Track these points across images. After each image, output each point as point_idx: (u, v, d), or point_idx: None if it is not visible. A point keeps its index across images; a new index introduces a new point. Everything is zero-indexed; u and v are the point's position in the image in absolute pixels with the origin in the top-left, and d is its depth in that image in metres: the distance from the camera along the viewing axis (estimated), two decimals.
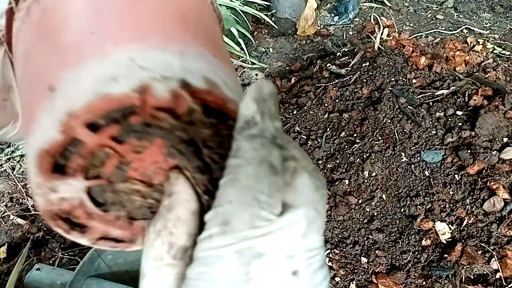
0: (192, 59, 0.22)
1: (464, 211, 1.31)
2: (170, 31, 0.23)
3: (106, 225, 0.27)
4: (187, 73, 0.21)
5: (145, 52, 0.21)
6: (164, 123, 0.21)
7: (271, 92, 0.23)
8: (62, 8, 0.24)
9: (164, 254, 0.24)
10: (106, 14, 0.23)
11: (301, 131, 1.71)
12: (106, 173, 0.24)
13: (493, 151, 1.40)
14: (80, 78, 0.20)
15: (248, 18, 2.29)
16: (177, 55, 0.22)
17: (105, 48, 0.21)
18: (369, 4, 2.67)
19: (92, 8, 0.24)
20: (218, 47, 0.25)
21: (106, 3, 0.24)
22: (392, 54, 1.91)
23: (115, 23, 0.23)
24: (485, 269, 1.17)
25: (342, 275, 1.25)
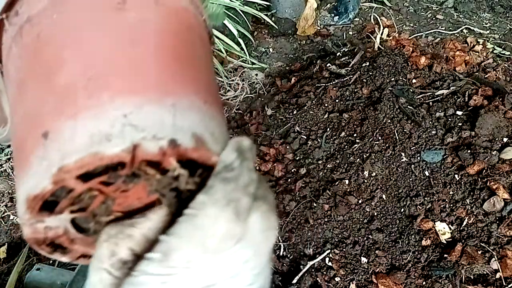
0: (184, 113, 0.23)
1: (464, 211, 1.31)
2: (166, 80, 0.24)
3: (87, 247, 0.28)
4: (177, 132, 0.22)
5: (140, 109, 0.22)
6: (150, 176, 0.23)
7: (250, 146, 0.25)
8: (58, 41, 0.24)
9: (105, 259, 0.24)
10: (103, 55, 0.23)
11: (301, 131, 1.71)
12: (91, 208, 0.24)
13: (493, 151, 1.40)
14: (75, 133, 0.21)
15: (248, 18, 2.29)
16: (171, 110, 0.22)
17: (101, 100, 0.22)
18: (369, 4, 2.67)
19: (90, 46, 0.24)
20: (209, 89, 0.26)
21: (105, 43, 0.24)
22: (392, 54, 1.91)
23: (113, 68, 0.23)
24: (485, 269, 1.17)
25: (342, 275, 1.25)
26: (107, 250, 0.25)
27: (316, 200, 1.41)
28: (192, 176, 0.24)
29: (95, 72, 0.23)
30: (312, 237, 1.35)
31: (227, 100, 2.05)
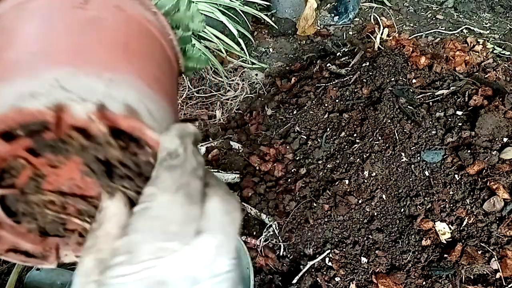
0: (120, 86, 0.23)
1: (464, 211, 1.31)
2: (108, 60, 0.25)
3: (17, 237, 0.27)
4: (108, 98, 0.22)
5: (73, 76, 0.22)
6: (75, 141, 0.22)
7: (193, 131, 0.25)
8: (14, 29, 0.26)
9: (91, 271, 0.24)
10: (53, 39, 0.25)
11: (301, 131, 1.70)
12: (19, 183, 0.24)
13: (493, 151, 1.40)
14: (3, 92, 0.22)
15: (248, 18, 2.28)
16: (106, 81, 0.23)
17: (37, 68, 0.22)
18: (369, 4, 2.67)
19: (42, 32, 0.25)
20: (158, 80, 0.27)
21: (56, 30, 0.25)
22: (392, 54, 1.91)
23: (57, 47, 0.24)
24: (485, 269, 1.17)
25: (342, 275, 1.25)
26: (92, 261, 0.24)
27: (316, 200, 1.41)
28: (116, 139, 0.23)
29: (41, 50, 0.24)
30: (312, 237, 1.35)
31: (227, 100, 2.05)
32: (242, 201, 1.48)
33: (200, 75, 2.09)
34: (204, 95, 2.07)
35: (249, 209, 1.45)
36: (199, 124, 1.92)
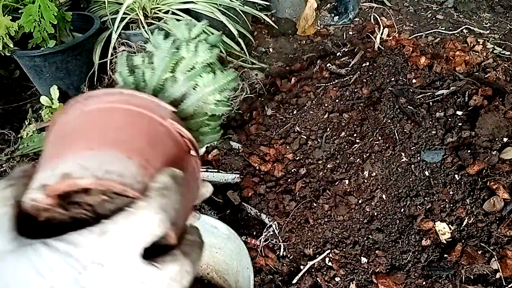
0: (104, 160, 0.33)
1: (464, 211, 1.31)
2: (106, 144, 0.35)
3: None
4: (100, 171, 0.32)
5: (86, 157, 0.33)
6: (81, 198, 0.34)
7: (181, 175, 0.34)
8: (71, 124, 0.39)
9: None
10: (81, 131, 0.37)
11: (301, 131, 1.70)
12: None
13: (493, 151, 1.40)
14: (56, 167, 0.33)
15: (248, 18, 2.29)
16: (98, 159, 0.33)
17: (68, 152, 0.34)
18: (369, 4, 2.67)
19: (90, 127, 0.38)
20: (141, 153, 0.35)
21: (85, 124, 0.38)
22: (392, 54, 1.91)
23: (78, 137, 0.37)
24: (485, 269, 1.17)
25: (342, 275, 1.25)
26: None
27: (316, 200, 1.41)
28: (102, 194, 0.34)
29: (75, 138, 0.37)
30: (312, 237, 1.34)
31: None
32: (242, 201, 1.48)
33: None
34: None
35: (249, 209, 1.45)
36: None
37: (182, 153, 0.40)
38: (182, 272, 0.31)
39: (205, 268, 1.29)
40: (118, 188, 0.31)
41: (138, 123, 0.38)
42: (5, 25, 1.63)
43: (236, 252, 1.14)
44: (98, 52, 1.97)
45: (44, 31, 1.72)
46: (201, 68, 0.47)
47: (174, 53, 0.47)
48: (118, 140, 0.35)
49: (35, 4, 1.65)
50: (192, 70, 0.47)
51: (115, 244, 0.29)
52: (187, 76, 0.47)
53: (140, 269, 0.29)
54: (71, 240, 0.28)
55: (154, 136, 0.37)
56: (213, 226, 1.17)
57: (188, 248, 0.34)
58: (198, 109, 0.47)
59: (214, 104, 0.48)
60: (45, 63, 1.85)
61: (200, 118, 0.48)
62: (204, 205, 1.45)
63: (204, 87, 0.47)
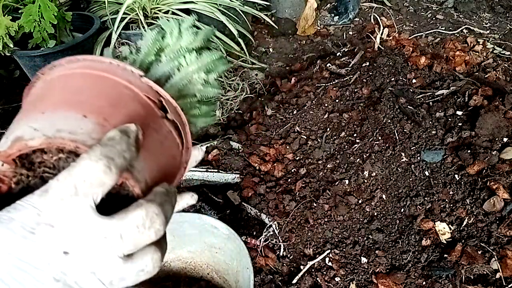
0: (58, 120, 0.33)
1: (464, 211, 1.31)
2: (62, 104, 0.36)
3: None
4: (50, 131, 0.32)
5: (38, 119, 0.33)
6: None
7: (135, 129, 0.32)
8: (34, 94, 0.40)
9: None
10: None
11: (301, 131, 1.70)
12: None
13: (493, 151, 1.40)
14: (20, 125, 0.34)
15: (248, 18, 2.29)
16: (50, 120, 0.33)
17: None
18: (369, 4, 2.67)
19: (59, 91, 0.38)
20: (101, 110, 0.35)
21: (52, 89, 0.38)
22: (392, 54, 1.91)
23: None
24: (485, 269, 1.17)
25: (342, 275, 1.25)
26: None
27: (316, 200, 1.41)
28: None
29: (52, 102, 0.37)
30: (312, 237, 1.34)
31: (227, 100, 2.05)
32: (242, 201, 1.48)
33: None
34: None
35: (249, 209, 1.45)
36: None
37: (152, 117, 0.39)
38: (150, 216, 0.30)
39: (205, 268, 1.29)
40: (69, 145, 0.31)
41: (100, 86, 0.37)
42: (5, 25, 1.63)
43: (236, 252, 1.14)
44: (98, 52, 1.97)
45: (44, 31, 1.71)
46: (185, 51, 0.47)
47: (158, 40, 0.47)
48: (75, 101, 0.35)
49: (35, 4, 1.65)
50: (177, 52, 0.47)
51: (59, 202, 0.27)
52: (170, 57, 0.47)
53: (97, 223, 0.28)
54: (14, 206, 0.27)
55: (117, 98, 0.37)
56: (213, 226, 1.17)
57: (153, 196, 0.32)
58: (184, 90, 0.47)
59: (201, 85, 0.48)
60: (45, 63, 1.84)
61: (188, 99, 0.47)
62: (204, 205, 1.45)
63: (188, 66, 0.47)
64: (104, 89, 0.37)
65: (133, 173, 0.32)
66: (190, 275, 1.30)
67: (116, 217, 0.29)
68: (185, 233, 1.22)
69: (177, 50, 0.47)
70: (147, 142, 0.36)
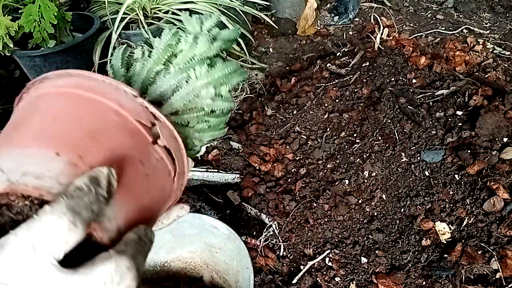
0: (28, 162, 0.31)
1: (464, 211, 1.31)
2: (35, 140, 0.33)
3: None
4: (16, 174, 0.30)
5: (8, 157, 0.31)
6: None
7: (107, 174, 0.30)
8: (17, 114, 0.38)
9: None
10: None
11: (301, 131, 1.70)
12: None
13: (493, 151, 1.40)
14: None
15: (248, 18, 2.29)
16: (19, 158, 0.31)
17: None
18: (369, 4, 2.67)
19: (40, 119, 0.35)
20: (73, 146, 0.32)
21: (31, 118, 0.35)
22: (392, 54, 1.91)
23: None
24: (485, 269, 1.17)
25: (342, 275, 1.25)
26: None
27: (316, 200, 1.41)
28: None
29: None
30: (312, 237, 1.34)
31: None
32: (242, 201, 1.48)
33: None
34: None
35: (249, 209, 1.45)
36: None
37: (140, 145, 0.36)
38: (119, 271, 0.27)
39: (205, 268, 1.29)
40: (33, 192, 0.28)
41: (83, 111, 0.34)
42: (5, 25, 1.63)
43: (236, 252, 1.14)
44: (98, 52, 1.97)
45: (44, 31, 1.71)
46: (198, 61, 0.44)
47: (171, 45, 0.44)
48: (51, 133, 0.32)
49: (35, 4, 1.65)
50: (189, 62, 0.44)
51: (15, 259, 0.25)
52: (180, 68, 0.44)
53: (59, 280, 0.25)
54: None
55: (100, 127, 0.34)
56: (213, 226, 1.17)
57: (124, 246, 0.29)
58: (190, 104, 0.44)
59: (211, 99, 0.44)
60: (45, 63, 1.84)
61: (195, 113, 0.44)
62: (204, 205, 1.45)
63: (197, 80, 0.43)
64: (88, 116, 0.34)
65: (102, 222, 0.29)
66: (190, 275, 1.30)
67: (81, 271, 0.26)
68: (185, 233, 1.22)
69: (189, 59, 0.44)
70: (128, 179, 0.33)
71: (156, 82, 0.44)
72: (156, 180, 0.37)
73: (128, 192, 0.33)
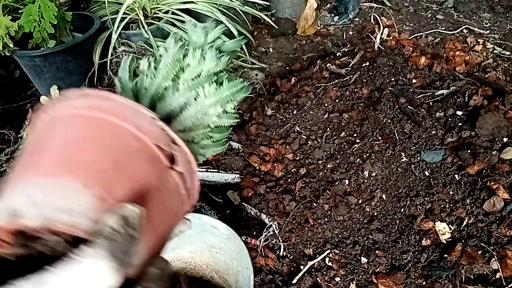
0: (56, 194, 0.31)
1: (464, 211, 1.31)
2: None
3: None
4: (48, 208, 0.30)
5: (37, 187, 0.31)
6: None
7: (137, 214, 0.30)
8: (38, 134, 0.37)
9: None
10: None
11: (301, 131, 1.70)
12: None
13: (493, 151, 1.40)
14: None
15: (248, 18, 2.29)
16: (49, 190, 0.31)
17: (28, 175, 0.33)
18: (369, 4, 2.67)
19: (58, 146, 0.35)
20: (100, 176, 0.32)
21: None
22: (392, 54, 1.91)
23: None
24: (485, 269, 1.17)
25: (342, 275, 1.25)
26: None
27: (316, 200, 1.41)
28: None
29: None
30: (312, 237, 1.34)
31: None
32: (242, 201, 1.48)
33: None
34: None
35: (249, 209, 1.45)
36: None
37: (159, 171, 0.36)
38: None
39: (205, 268, 1.29)
40: (66, 230, 0.29)
41: (105, 137, 0.34)
42: (5, 25, 1.63)
43: (236, 252, 1.14)
44: (98, 52, 1.97)
45: (44, 31, 1.71)
46: (205, 77, 0.43)
47: (179, 60, 0.43)
48: (76, 162, 0.32)
49: (35, 4, 1.65)
50: (197, 78, 0.44)
51: None
52: (188, 86, 0.43)
53: None
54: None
55: (122, 153, 0.34)
56: (213, 226, 1.17)
57: (150, 283, 0.31)
58: (198, 121, 0.44)
59: (217, 117, 0.44)
60: (45, 63, 1.84)
61: (201, 130, 0.44)
62: (204, 205, 1.45)
63: (205, 98, 0.43)
64: (110, 143, 0.34)
65: (131, 263, 0.30)
66: (190, 275, 1.30)
67: None
68: (185, 233, 1.21)
69: (196, 74, 0.44)
70: (149, 211, 0.33)
71: (165, 99, 0.43)
72: (171, 207, 0.37)
73: (150, 225, 0.33)
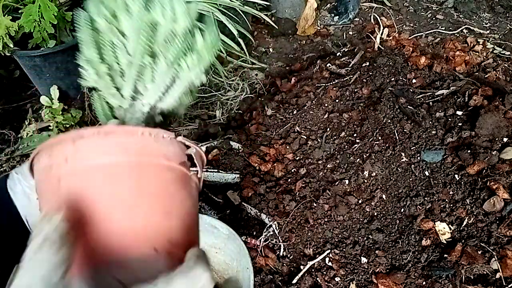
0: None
1: (464, 211, 1.31)
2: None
3: None
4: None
5: (122, 267, 0.32)
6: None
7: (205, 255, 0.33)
8: (77, 181, 0.35)
9: None
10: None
11: (301, 131, 1.70)
12: None
13: (493, 151, 1.40)
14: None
15: (248, 18, 2.28)
16: (131, 268, 0.32)
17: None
18: (369, 4, 2.67)
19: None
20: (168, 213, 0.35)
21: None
22: (392, 54, 1.91)
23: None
24: (485, 269, 1.17)
25: (342, 275, 1.25)
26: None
27: (316, 200, 1.41)
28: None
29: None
30: (312, 237, 1.34)
31: (227, 100, 2.05)
32: (242, 201, 1.48)
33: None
34: (204, 95, 2.07)
35: (249, 209, 1.45)
36: (199, 124, 1.92)
37: (189, 188, 0.37)
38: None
39: None
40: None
41: (146, 184, 0.33)
42: (5, 25, 1.63)
43: (236, 252, 1.14)
44: None
45: (44, 31, 1.71)
46: (181, 39, 0.39)
47: (147, 15, 0.39)
48: (137, 227, 0.32)
49: (35, 4, 1.65)
50: (172, 37, 0.40)
51: None
52: (170, 63, 0.40)
53: None
54: None
55: (165, 194, 0.34)
56: (213, 226, 1.17)
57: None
58: (183, 99, 0.43)
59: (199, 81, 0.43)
60: (45, 63, 1.84)
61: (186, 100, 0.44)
62: (204, 205, 1.45)
63: (189, 70, 0.41)
64: (152, 189, 0.34)
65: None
66: None
67: None
68: None
69: (171, 34, 0.40)
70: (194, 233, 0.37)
71: (148, 81, 0.41)
72: (196, 211, 0.39)
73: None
